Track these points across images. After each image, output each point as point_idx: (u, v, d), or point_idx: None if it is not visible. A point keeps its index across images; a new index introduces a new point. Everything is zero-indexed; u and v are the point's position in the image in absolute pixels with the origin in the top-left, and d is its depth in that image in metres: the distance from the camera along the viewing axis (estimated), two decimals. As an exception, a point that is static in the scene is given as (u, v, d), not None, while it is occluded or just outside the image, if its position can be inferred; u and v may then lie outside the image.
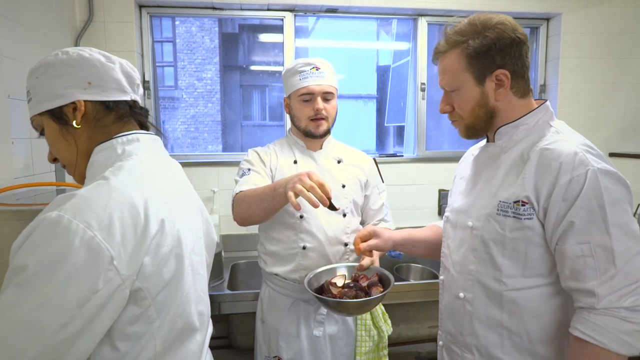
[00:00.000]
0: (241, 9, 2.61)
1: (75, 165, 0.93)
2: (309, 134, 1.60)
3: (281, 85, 1.71)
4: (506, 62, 1.07)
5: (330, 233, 1.55)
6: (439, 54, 1.16)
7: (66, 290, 0.67)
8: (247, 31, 3.36)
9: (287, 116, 1.72)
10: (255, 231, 1.71)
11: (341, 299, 1.31)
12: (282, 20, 2.68)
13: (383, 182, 1.76)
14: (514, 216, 1.05)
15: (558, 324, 1.06)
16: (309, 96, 1.56)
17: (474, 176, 1.24)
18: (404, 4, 2.65)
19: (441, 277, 1.29)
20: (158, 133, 1.01)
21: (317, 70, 1.55)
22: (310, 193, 1.20)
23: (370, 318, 1.63)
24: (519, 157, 1.09)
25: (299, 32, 2.77)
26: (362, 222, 1.71)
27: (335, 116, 1.64)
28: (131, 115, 0.94)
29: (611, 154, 2.89)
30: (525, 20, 2.89)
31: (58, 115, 0.89)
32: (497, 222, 1.08)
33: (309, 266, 1.53)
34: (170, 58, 4.09)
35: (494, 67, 1.08)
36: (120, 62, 0.93)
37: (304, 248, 1.53)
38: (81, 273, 0.68)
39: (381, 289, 1.37)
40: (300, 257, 1.54)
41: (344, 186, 1.60)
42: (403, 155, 2.91)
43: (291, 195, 1.21)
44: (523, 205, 1.03)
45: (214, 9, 2.60)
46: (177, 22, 3.84)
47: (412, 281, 2.44)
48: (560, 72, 2.84)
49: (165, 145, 1.02)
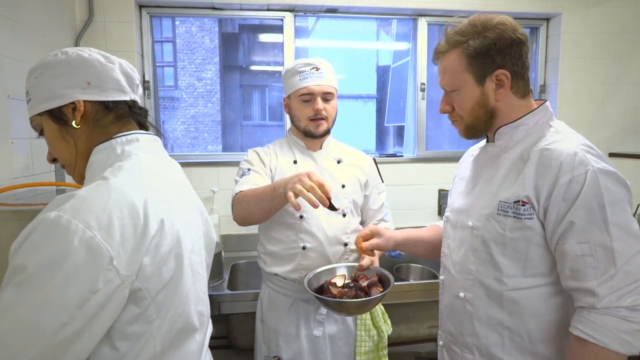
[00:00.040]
0: (241, 9, 2.61)
1: (75, 165, 0.92)
2: (308, 133, 1.59)
3: (281, 85, 1.71)
4: (506, 63, 1.07)
5: (330, 233, 1.55)
6: (439, 54, 1.16)
7: (66, 290, 0.67)
8: (247, 31, 3.36)
9: (287, 116, 1.72)
10: (255, 231, 1.71)
11: (341, 298, 1.31)
12: (282, 20, 2.68)
13: (383, 182, 1.77)
14: (514, 216, 1.05)
15: (558, 323, 1.06)
16: (308, 96, 1.56)
17: (473, 176, 1.24)
18: (403, 4, 2.65)
19: (441, 277, 1.30)
20: (158, 133, 1.01)
21: (317, 70, 1.55)
22: (310, 193, 1.20)
23: (370, 318, 1.63)
24: (519, 157, 1.09)
25: (298, 32, 2.77)
26: (362, 222, 1.71)
27: (335, 116, 1.64)
28: (130, 116, 0.94)
29: (611, 154, 2.88)
30: (525, 21, 2.88)
31: (57, 115, 0.88)
32: (498, 222, 1.08)
33: (308, 266, 1.53)
34: (170, 58, 4.09)
35: (494, 68, 1.08)
36: (119, 62, 0.93)
37: (304, 248, 1.53)
38: (81, 273, 0.68)
39: (381, 289, 1.37)
40: (300, 257, 1.54)
41: (343, 186, 1.60)
42: (403, 155, 2.91)
43: (291, 195, 1.21)
44: (523, 205, 1.03)
45: (214, 9, 2.60)
46: (177, 22, 3.85)
47: (412, 281, 2.44)
48: (560, 72, 2.84)
49: (165, 145, 1.02)
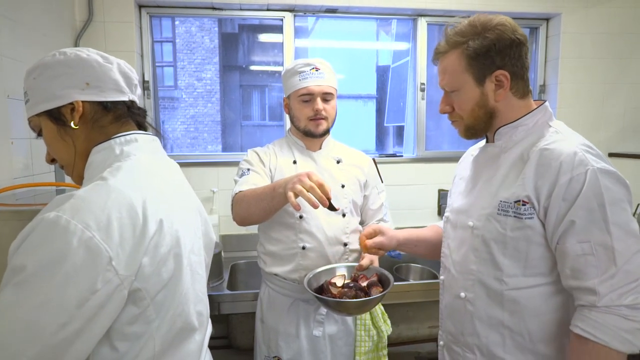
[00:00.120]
0: (241, 9, 2.61)
1: (74, 165, 0.92)
2: (308, 133, 1.59)
3: (281, 86, 1.71)
4: (506, 63, 1.08)
5: (330, 233, 1.55)
6: (439, 54, 1.17)
7: (65, 291, 0.67)
8: (247, 31, 3.35)
9: (287, 116, 1.72)
10: (255, 231, 1.71)
11: (341, 298, 1.31)
12: (282, 20, 2.68)
13: (382, 182, 1.77)
14: (515, 216, 1.05)
15: (559, 322, 1.06)
16: (308, 97, 1.56)
17: (473, 176, 1.24)
18: (403, 4, 2.65)
19: (441, 277, 1.30)
20: (157, 134, 1.00)
21: (317, 70, 1.55)
22: (309, 193, 1.20)
23: (369, 318, 1.63)
24: (519, 157, 1.09)
25: (298, 32, 2.77)
26: (361, 222, 1.71)
27: (335, 116, 1.64)
28: (129, 116, 0.94)
29: (611, 154, 2.88)
30: (525, 21, 2.89)
31: (56, 116, 0.88)
32: (498, 222, 1.08)
33: (308, 266, 1.53)
34: (170, 58, 4.09)
35: (493, 68, 1.08)
36: (117, 63, 0.93)
37: (304, 248, 1.53)
38: (80, 273, 0.68)
39: (381, 289, 1.37)
40: (300, 257, 1.54)
41: (343, 186, 1.60)
42: (403, 156, 2.91)
43: (291, 195, 1.21)
44: (524, 204, 1.04)
45: (213, 9, 2.60)
46: (177, 22, 3.84)
47: (412, 281, 2.44)
48: (559, 73, 2.84)
49: (165, 145, 1.02)
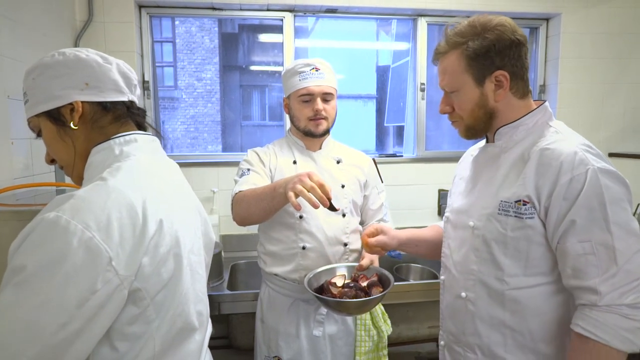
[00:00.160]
0: (241, 9, 2.61)
1: (73, 166, 0.92)
2: (308, 133, 1.59)
3: (281, 85, 1.71)
4: (505, 64, 1.08)
5: (330, 233, 1.55)
6: (439, 54, 1.17)
7: (65, 291, 0.67)
8: (247, 31, 3.36)
9: (287, 116, 1.72)
10: (255, 231, 1.71)
11: (341, 298, 1.31)
12: (282, 20, 2.68)
13: (382, 182, 1.77)
14: (516, 215, 1.05)
15: (560, 321, 1.06)
16: (308, 97, 1.56)
17: (473, 176, 1.24)
18: (403, 4, 2.65)
19: (442, 277, 1.30)
20: (157, 134, 1.00)
21: (317, 71, 1.55)
22: (310, 193, 1.20)
23: (369, 318, 1.63)
24: (519, 157, 1.10)
25: (298, 32, 2.77)
26: (362, 222, 1.71)
27: (335, 116, 1.64)
28: (129, 116, 0.94)
29: (611, 154, 2.88)
30: (524, 21, 2.88)
31: (55, 116, 0.88)
32: (499, 222, 1.08)
33: (308, 266, 1.53)
34: (170, 58, 4.09)
35: (493, 69, 1.08)
36: (117, 63, 0.93)
37: (304, 248, 1.53)
38: (80, 273, 0.68)
39: (381, 289, 1.38)
40: (300, 257, 1.54)
41: (343, 186, 1.60)
42: (403, 156, 2.91)
43: (291, 195, 1.21)
44: (524, 204, 1.04)
45: (213, 9, 2.60)
46: (177, 22, 3.85)
47: (412, 281, 2.44)
48: (559, 72, 2.84)
49: (165, 145, 1.02)
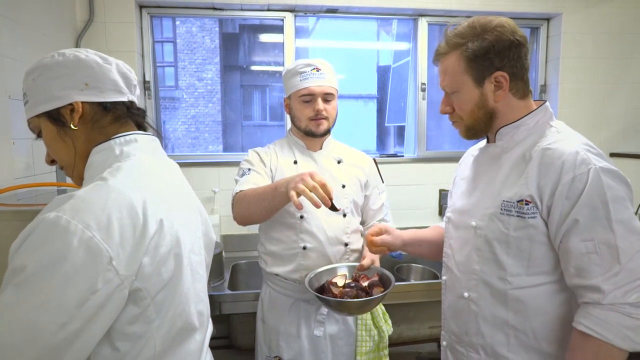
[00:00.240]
0: (241, 10, 2.61)
1: (74, 166, 0.92)
2: (309, 133, 1.59)
3: (281, 85, 1.71)
4: (505, 65, 1.08)
5: (331, 233, 1.55)
6: (439, 55, 1.17)
7: (65, 291, 0.67)
8: (248, 31, 3.36)
9: (288, 116, 1.72)
10: (256, 231, 1.71)
11: (342, 298, 1.31)
12: (283, 20, 2.68)
13: (383, 182, 1.77)
14: (518, 215, 1.05)
15: (563, 320, 1.06)
16: (309, 97, 1.56)
17: (475, 176, 1.24)
18: (404, 4, 2.65)
19: (443, 278, 1.30)
20: (158, 135, 1.01)
21: (318, 71, 1.55)
22: (312, 193, 1.20)
23: (370, 318, 1.63)
24: (521, 157, 1.10)
25: (299, 33, 2.77)
26: (362, 222, 1.71)
27: (336, 117, 1.64)
28: (128, 116, 0.94)
29: (612, 154, 2.88)
30: (525, 21, 2.88)
31: (55, 117, 0.88)
32: (501, 222, 1.08)
33: (309, 266, 1.53)
34: (170, 58, 4.09)
35: (492, 69, 1.08)
36: (116, 63, 0.93)
37: (304, 248, 1.53)
38: (80, 273, 0.68)
39: (382, 289, 1.38)
40: (301, 257, 1.54)
41: (344, 186, 1.60)
42: (403, 156, 2.91)
43: (293, 194, 1.21)
44: (527, 204, 1.04)
45: (214, 9, 2.60)
46: (178, 22, 3.85)
47: (413, 281, 2.44)
48: (560, 72, 2.84)
49: (166, 145, 1.02)
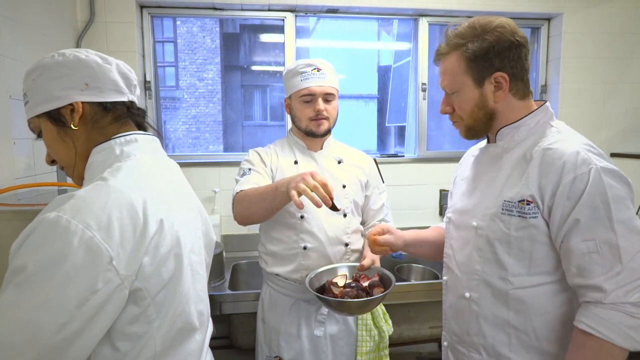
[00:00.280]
0: (242, 10, 2.61)
1: (74, 166, 0.93)
2: (310, 133, 1.59)
3: (282, 85, 1.71)
4: (504, 65, 1.08)
5: (331, 233, 1.55)
6: (440, 55, 1.17)
7: (65, 291, 0.67)
8: (248, 31, 3.36)
9: (288, 116, 1.72)
10: (256, 231, 1.71)
11: (342, 298, 1.31)
12: (283, 20, 2.68)
13: (383, 183, 1.77)
14: (519, 215, 1.05)
15: (564, 320, 1.06)
16: (310, 97, 1.56)
17: (475, 177, 1.24)
18: (404, 4, 2.65)
19: (444, 278, 1.29)
20: (159, 136, 1.01)
21: (319, 71, 1.55)
22: (313, 192, 1.20)
23: (371, 318, 1.63)
24: (522, 157, 1.10)
25: (299, 33, 2.77)
26: (363, 223, 1.71)
27: (336, 117, 1.64)
28: (129, 116, 0.95)
29: (612, 154, 2.88)
30: (526, 21, 2.88)
31: (55, 117, 0.89)
32: (502, 222, 1.08)
33: (309, 266, 1.53)
34: (171, 58, 4.09)
35: (492, 70, 1.08)
36: (116, 63, 0.93)
37: (305, 248, 1.53)
38: (80, 273, 0.68)
39: (382, 289, 1.37)
40: (301, 257, 1.54)
41: (344, 186, 1.60)
42: (404, 156, 2.91)
43: (294, 194, 1.21)
44: (528, 204, 1.04)
45: (215, 9, 2.60)
46: (178, 22, 3.85)
47: (413, 281, 2.44)
48: (561, 72, 2.83)
49: (167, 145, 1.02)
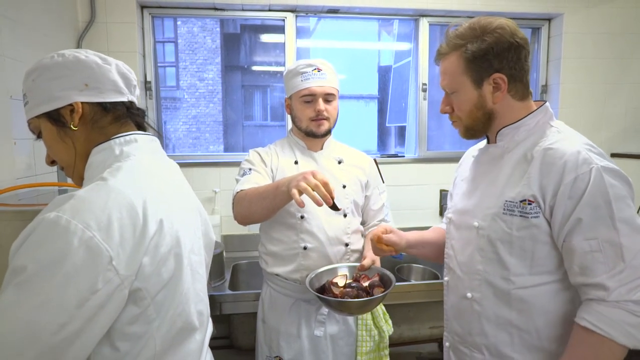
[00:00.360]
0: (243, 10, 2.61)
1: (74, 167, 0.93)
2: (310, 133, 1.60)
3: (282, 86, 1.71)
4: (503, 66, 1.08)
5: (331, 233, 1.55)
6: (440, 55, 1.18)
7: (65, 291, 0.68)
8: (249, 31, 3.36)
9: (288, 116, 1.72)
10: (257, 231, 1.71)
11: (343, 298, 1.31)
12: (284, 20, 2.68)
13: (383, 183, 1.77)
14: (521, 215, 1.06)
15: (566, 319, 1.07)
16: (310, 97, 1.56)
17: (476, 177, 1.24)
18: (405, 4, 2.65)
19: (445, 279, 1.29)
20: (159, 136, 1.01)
21: (319, 71, 1.55)
22: (314, 192, 1.20)
23: (371, 318, 1.63)
24: (522, 157, 1.10)
25: (300, 33, 2.77)
26: (363, 223, 1.71)
27: (337, 117, 1.64)
28: (128, 116, 0.95)
29: (612, 155, 2.87)
30: (526, 21, 2.88)
31: (55, 117, 0.89)
32: (504, 222, 1.08)
33: (309, 266, 1.53)
34: (172, 58, 4.10)
35: (491, 71, 1.09)
36: (116, 64, 0.93)
37: (305, 248, 1.53)
38: (80, 273, 0.69)
39: (382, 289, 1.37)
40: (301, 258, 1.54)
41: (344, 186, 1.60)
42: (404, 156, 2.91)
43: (295, 192, 1.21)
44: (530, 204, 1.04)
45: (215, 9, 2.60)
46: (179, 23, 3.86)
47: (414, 282, 2.44)
48: (561, 73, 2.83)
49: (167, 145, 1.02)
